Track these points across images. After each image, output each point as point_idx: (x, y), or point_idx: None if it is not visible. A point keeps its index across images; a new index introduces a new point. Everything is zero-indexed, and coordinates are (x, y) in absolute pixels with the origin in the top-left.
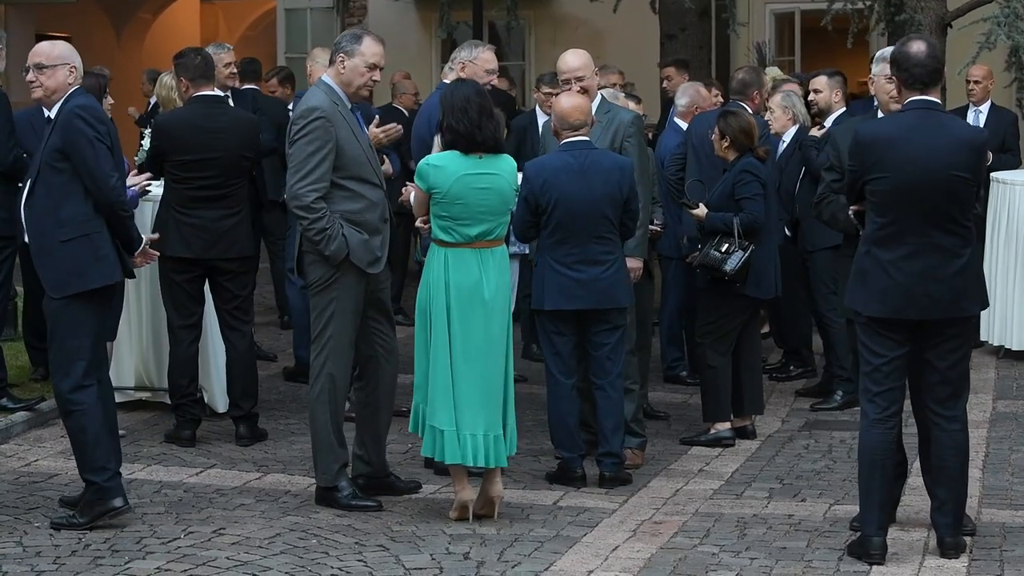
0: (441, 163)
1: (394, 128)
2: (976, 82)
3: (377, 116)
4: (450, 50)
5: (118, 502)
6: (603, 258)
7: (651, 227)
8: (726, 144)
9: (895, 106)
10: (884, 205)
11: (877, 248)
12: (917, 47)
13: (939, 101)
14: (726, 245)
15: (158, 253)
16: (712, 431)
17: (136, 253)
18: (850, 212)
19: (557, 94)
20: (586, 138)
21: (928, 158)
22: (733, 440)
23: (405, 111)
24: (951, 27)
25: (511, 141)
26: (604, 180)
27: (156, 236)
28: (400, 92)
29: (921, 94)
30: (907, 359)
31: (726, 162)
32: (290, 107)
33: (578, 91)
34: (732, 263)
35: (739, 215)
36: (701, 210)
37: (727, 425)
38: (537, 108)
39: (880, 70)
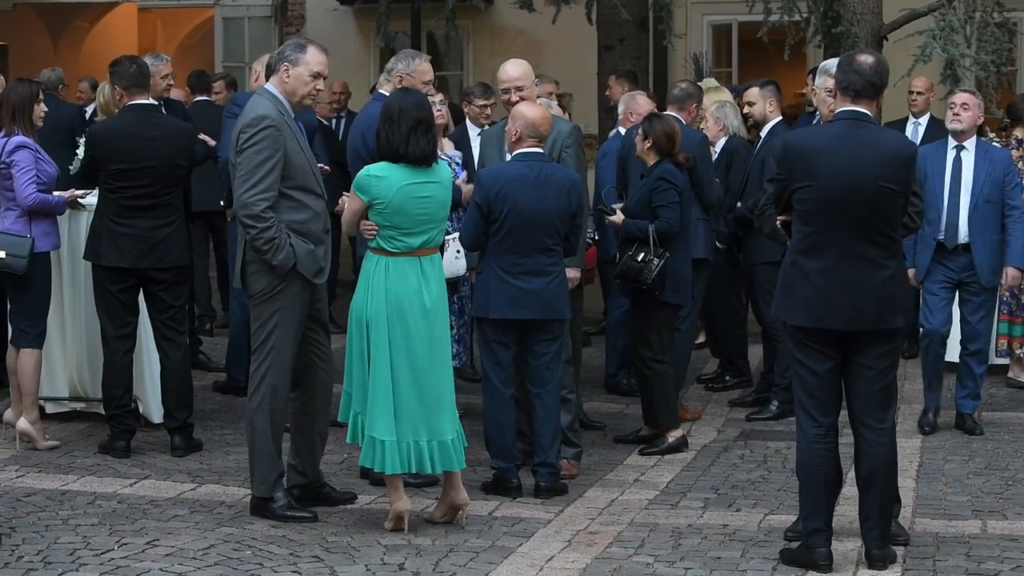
0: (382, 173)
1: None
2: (919, 93)
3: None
4: (388, 59)
5: None
6: (548, 269)
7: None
8: (648, 145)
9: None
10: (810, 214)
11: (802, 257)
12: (864, 57)
13: (869, 113)
14: (642, 254)
15: None
16: (671, 439)
17: None
18: (777, 223)
19: (489, 106)
20: (541, 150)
21: (855, 168)
22: (687, 445)
23: (323, 120)
24: (887, 40)
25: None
26: (556, 193)
27: None
28: (316, 100)
29: (853, 104)
30: (839, 370)
31: (644, 166)
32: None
33: (516, 100)
34: (649, 272)
35: (655, 223)
36: (618, 216)
37: (680, 432)
38: (468, 122)
39: (822, 83)
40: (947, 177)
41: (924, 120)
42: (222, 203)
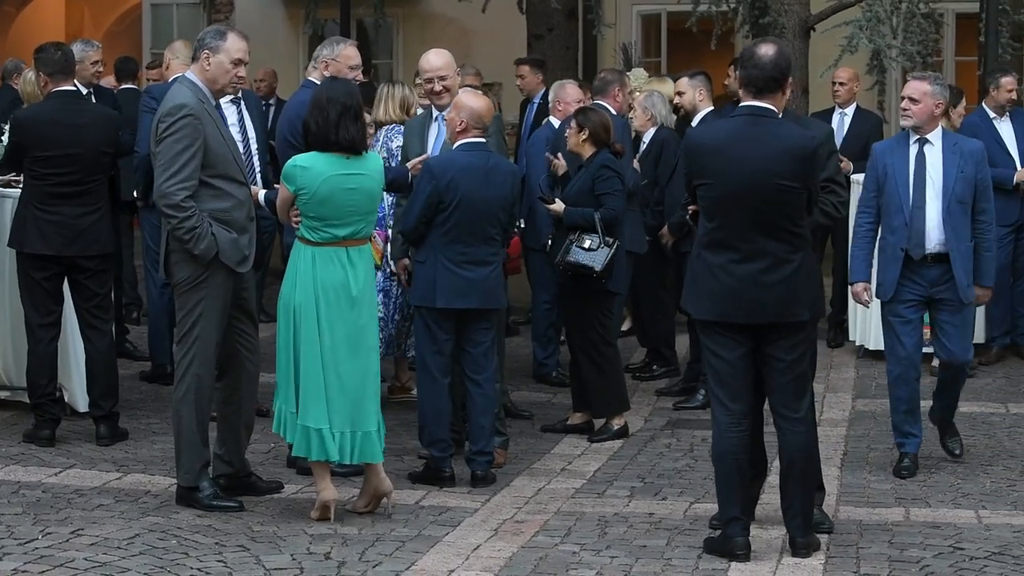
0: (308, 164)
1: None
2: (841, 84)
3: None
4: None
5: None
6: (490, 259)
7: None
8: (584, 137)
9: None
10: (711, 210)
11: (706, 252)
12: (764, 49)
13: (771, 108)
14: (588, 241)
15: None
16: (616, 425)
17: None
18: (688, 213)
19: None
20: (484, 140)
21: (751, 166)
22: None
23: None
24: (814, 30)
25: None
26: (502, 183)
27: None
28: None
29: (754, 99)
30: (750, 358)
31: (580, 158)
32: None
33: (439, 90)
34: (600, 261)
35: (600, 210)
36: (559, 205)
37: (623, 420)
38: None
39: None
40: (911, 176)
41: (850, 111)
42: (135, 194)
